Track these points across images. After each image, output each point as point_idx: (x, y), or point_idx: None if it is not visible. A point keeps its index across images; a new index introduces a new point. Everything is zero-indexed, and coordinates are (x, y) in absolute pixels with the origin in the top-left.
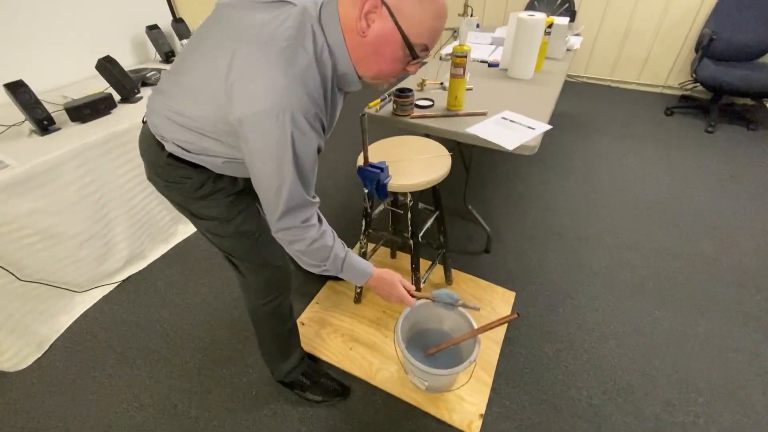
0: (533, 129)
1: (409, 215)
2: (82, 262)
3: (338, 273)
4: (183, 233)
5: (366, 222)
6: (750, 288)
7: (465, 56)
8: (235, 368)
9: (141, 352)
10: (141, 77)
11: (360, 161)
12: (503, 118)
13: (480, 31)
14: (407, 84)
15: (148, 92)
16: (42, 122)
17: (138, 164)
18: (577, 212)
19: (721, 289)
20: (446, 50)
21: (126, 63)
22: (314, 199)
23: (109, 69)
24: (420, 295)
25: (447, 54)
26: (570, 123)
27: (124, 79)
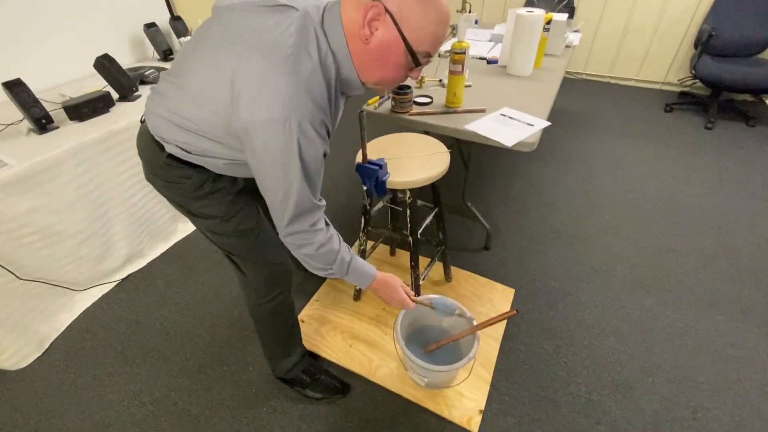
0: (532, 125)
1: (408, 212)
2: (82, 261)
3: (344, 276)
4: (182, 231)
5: (365, 219)
6: (749, 284)
7: (463, 53)
8: (235, 366)
9: (141, 351)
10: (139, 75)
11: (359, 158)
12: (502, 115)
13: (479, 28)
14: (406, 81)
15: (147, 90)
16: (40, 121)
17: (137, 162)
18: (577, 209)
19: (720, 286)
20: (445, 47)
21: (124, 61)
22: (321, 203)
23: (107, 67)
24: (419, 301)
25: (445, 51)
26: (569, 120)
27: (123, 78)
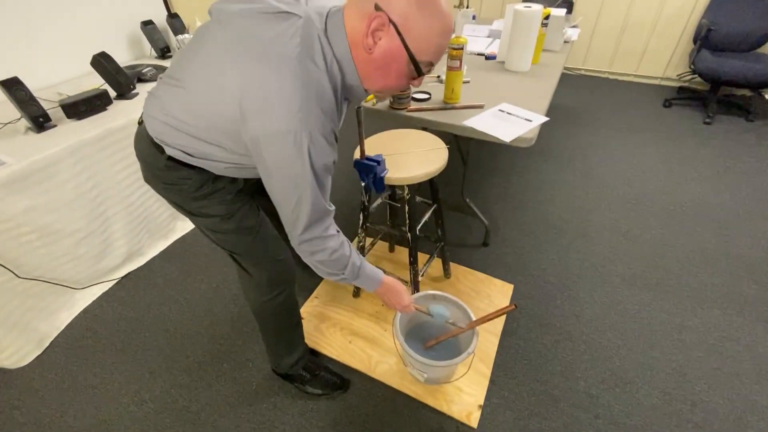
0: (530, 121)
1: (407, 209)
2: (81, 260)
3: (354, 280)
4: (182, 229)
5: (363, 216)
6: (747, 278)
7: (461, 48)
8: (235, 363)
9: (141, 348)
10: (136, 73)
11: (357, 154)
12: (500, 111)
13: (477, 24)
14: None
15: (144, 88)
16: (38, 119)
17: (135, 161)
18: (575, 205)
19: (719, 280)
20: None
21: (121, 59)
22: (331, 207)
23: (104, 65)
24: (418, 308)
25: None
26: (568, 115)
27: (120, 75)
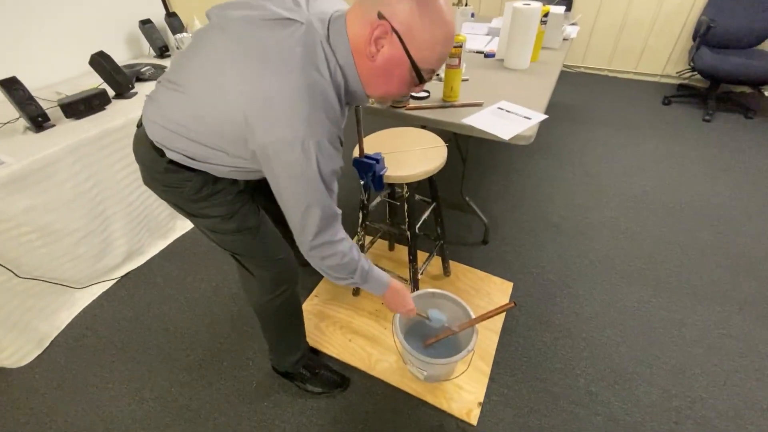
0: (529, 119)
1: (406, 207)
2: (81, 259)
3: (363, 284)
4: (181, 229)
5: (363, 214)
6: (746, 275)
7: (460, 46)
8: (236, 361)
9: (141, 347)
10: (135, 72)
11: (355, 153)
12: (499, 109)
13: (476, 22)
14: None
15: (143, 87)
16: (36, 119)
17: (134, 161)
18: (575, 202)
19: (718, 277)
20: None
21: (119, 58)
22: (339, 211)
23: (103, 64)
24: (417, 311)
25: None
26: (567, 113)
27: (118, 75)
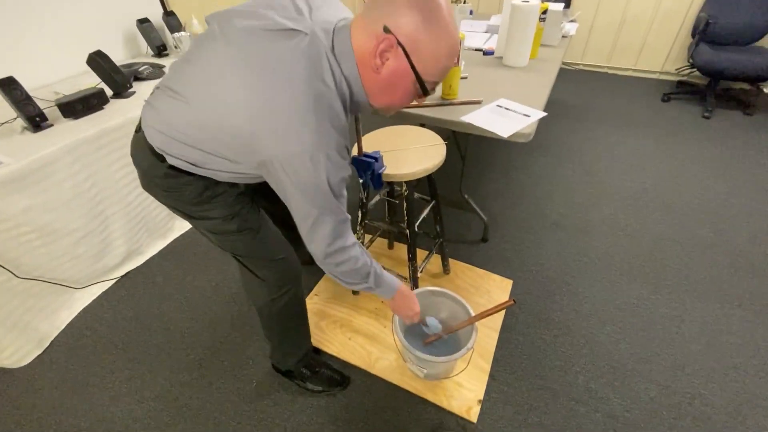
0: (528, 116)
1: (405, 205)
2: (80, 259)
3: (377, 288)
4: (180, 228)
5: (362, 213)
6: (745, 272)
7: (459, 44)
8: (236, 360)
9: (141, 347)
10: (133, 72)
11: (354, 151)
12: (498, 106)
13: (475, 19)
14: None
15: (141, 86)
16: (34, 119)
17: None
18: (574, 200)
19: (717, 273)
20: None
21: (117, 57)
22: (348, 216)
23: (101, 64)
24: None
25: None
26: (567, 110)
27: (116, 74)
